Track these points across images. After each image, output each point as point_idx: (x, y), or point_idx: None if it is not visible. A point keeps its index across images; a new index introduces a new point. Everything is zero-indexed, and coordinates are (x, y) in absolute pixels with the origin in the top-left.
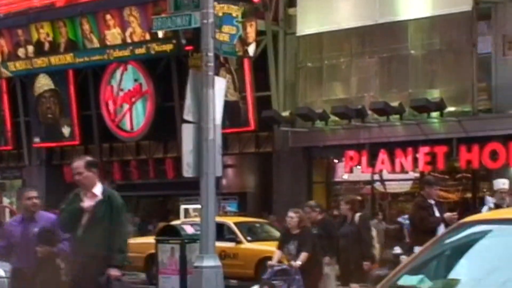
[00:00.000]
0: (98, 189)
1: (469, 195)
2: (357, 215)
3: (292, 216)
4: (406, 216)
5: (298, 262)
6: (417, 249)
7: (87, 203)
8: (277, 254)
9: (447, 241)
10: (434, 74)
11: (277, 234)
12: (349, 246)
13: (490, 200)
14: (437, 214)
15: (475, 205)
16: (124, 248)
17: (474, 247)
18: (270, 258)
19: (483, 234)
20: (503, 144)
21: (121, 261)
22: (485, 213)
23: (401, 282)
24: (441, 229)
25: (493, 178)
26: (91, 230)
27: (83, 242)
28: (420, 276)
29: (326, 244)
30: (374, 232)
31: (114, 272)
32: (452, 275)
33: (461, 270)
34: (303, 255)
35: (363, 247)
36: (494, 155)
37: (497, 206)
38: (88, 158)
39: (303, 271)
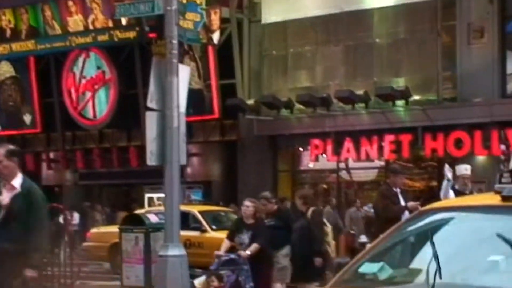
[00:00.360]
0: (17, 180)
1: (434, 183)
2: (310, 209)
3: (248, 205)
4: (371, 205)
5: (247, 252)
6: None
7: (4, 195)
8: (225, 244)
9: (409, 228)
10: (399, 62)
11: None
12: (299, 241)
13: (448, 170)
14: (402, 202)
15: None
16: (42, 246)
17: (435, 234)
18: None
19: (444, 221)
20: (467, 133)
21: (38, 261)
22: (446, 201)
23: (361, 269)
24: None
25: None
26: (7, 225)
27: None
28: (380, 264)
29: (284, 235)
30: (329, 228)
31: (30, 272)
32: (413, 263)
33: (421, 258)
34: (254, 246)
35: (313, 243)
36: (459, 143)
37: (460, 192)
38: (10, 146)
39: (253, 262)
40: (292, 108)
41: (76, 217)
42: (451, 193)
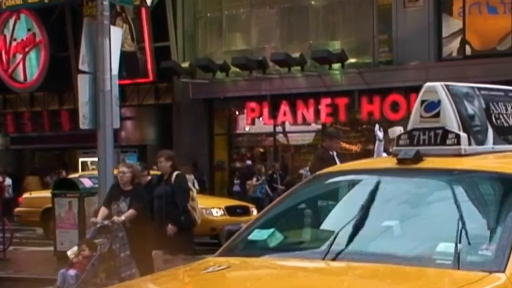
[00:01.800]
0: None
1: (371, 146)
2: (175, 173)
3: (125, 171)
4: (307, 168)
5: (121, 218)
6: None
7: None
8: (102, 211)
9: (303, 193)
10: (335, 25)
11: None
12: (163, 208)
13: (378, 130)
14: None
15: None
16: None
17: (330, 199)
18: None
19: (339, 185)
20: (404, 96)
21: None
22: (343, 164)
23: (251, 236)
24: None
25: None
26: None
27: None
28: (271, 230)
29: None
30: (195, 193)
31: None
32: (306, 229)
33: (314, 224)
34: (130, 212)
35: (176, 210)
36: (395, 106)
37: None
38: None
39: (130, 229)
40: (228, 71)
41: (8, 182)
42: (384, 155)
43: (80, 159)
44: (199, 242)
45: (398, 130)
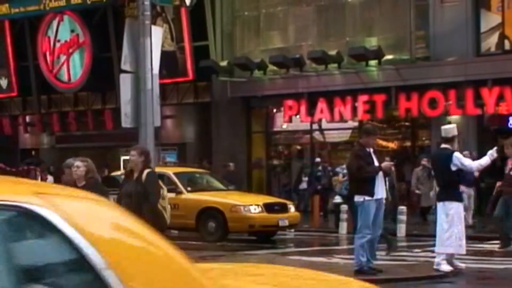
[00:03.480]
0: None
1: (408, 143)
2: (146, 171)
3: (79, 166)
4: (344, 166)
5: None
6: (356, 198)
7: None
8: None
9: None
10: (371, 22)
11: (217, 184)
12: (131, 207)
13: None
14: (376, 163)
15: (414, 154)
16: None
17: None
18: (211, 208)
19: None
20: (441, 92)
21: None
22: None
23: None
24: (380, 178)
25: (436, 126)
26: None
27: None
28: None
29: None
30: (165, 191)
31: None
32: None
33: None
34: None
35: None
36: (432, 103)
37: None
38: None
39: None
40: (265, 69)
41: (50, 179)
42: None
43: (122, 157)
44: (237, 239)
45: (454, 128)
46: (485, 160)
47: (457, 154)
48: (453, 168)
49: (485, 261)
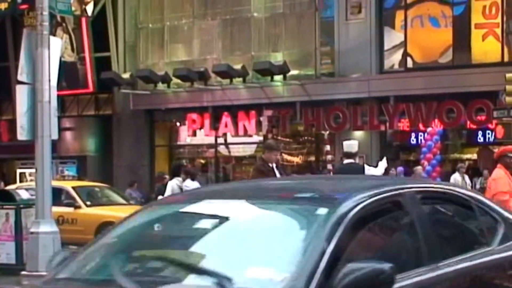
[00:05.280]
0: None
1: (312, 158)
2: None
3: None
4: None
5: None
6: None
7: None
8: None
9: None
10: (277, 37)
11: (117, 198)
12: None
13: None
14: None
15: (319, 168)
16: None
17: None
18: (110, 223)
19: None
20: (345, 108)
21: None
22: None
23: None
24: None
25: (339, 141)
26: None
27: None
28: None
29: None
30: None
31: None
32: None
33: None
34: None
35: None
36: (337, 118)
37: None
38: None
39: None
40: (169, 82)
41: None
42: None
43: (18, 170)
44: None
45: (352, 143)
46: (380, 170)
47: (367, 167)
48: None
49: None
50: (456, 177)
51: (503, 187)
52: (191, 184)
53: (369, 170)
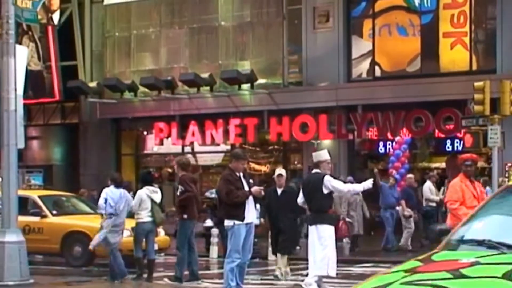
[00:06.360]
0: None
1: (280, 167)
2: None
3: None
4: (213, 190)
5: None
6: (226, 222)
7: None
8: None
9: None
10: (244, 46)
11: (84, 207)
12: None
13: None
14: (246, 187)
15: (287, 177)
16: None
17: None
18: (76, 232)
19: None
20: (313, 117)
21: None
22: None
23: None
24: (250, 202)
25: (306, 150)
26: None
27: None
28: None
29: None
30: None
31: None
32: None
33: None
34: None
35: None
36: (304, 127)
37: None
38: None
39: None
40: (136, 91)
41: None
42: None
43: None
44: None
45: (324, 153)
46: (359, 187)
47: (327, 177)
48: (325, 191)
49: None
50: (429, 186)
51: (453, 195)
52: (115, 192)
53: (329, 182)
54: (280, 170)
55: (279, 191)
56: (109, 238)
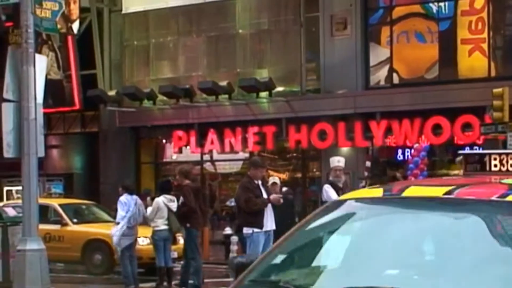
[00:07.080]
0: None
1: (299, 175)
2: None
3: None
4: (233, 200)
5: None
6: (245, 230)
7: None
8: None
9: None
10: (262, 54)
11: (104, 216)
12: None
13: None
14: (264, 195)
15: (305, 185)
16: None
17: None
18: (97, 240)
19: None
20: (331, 124)
21: None
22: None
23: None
24: (269, 210)
25: (325, 158)
26: None
27: None
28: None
29: None
30: None
31: None
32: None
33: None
34: None
35: None
36: (322, 135)
37: (332, 183)
38: None
39: None
40: (155, 99)
41: None
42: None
43: (5, 188)
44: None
45: (336, 160)
46: None
47: (325, 187)
48: (323, 199)
49: None
50: None
51: None
52: (129, 199)
53: (325, 191)
54: (274, 179)
55: None
56: (121, 242)
